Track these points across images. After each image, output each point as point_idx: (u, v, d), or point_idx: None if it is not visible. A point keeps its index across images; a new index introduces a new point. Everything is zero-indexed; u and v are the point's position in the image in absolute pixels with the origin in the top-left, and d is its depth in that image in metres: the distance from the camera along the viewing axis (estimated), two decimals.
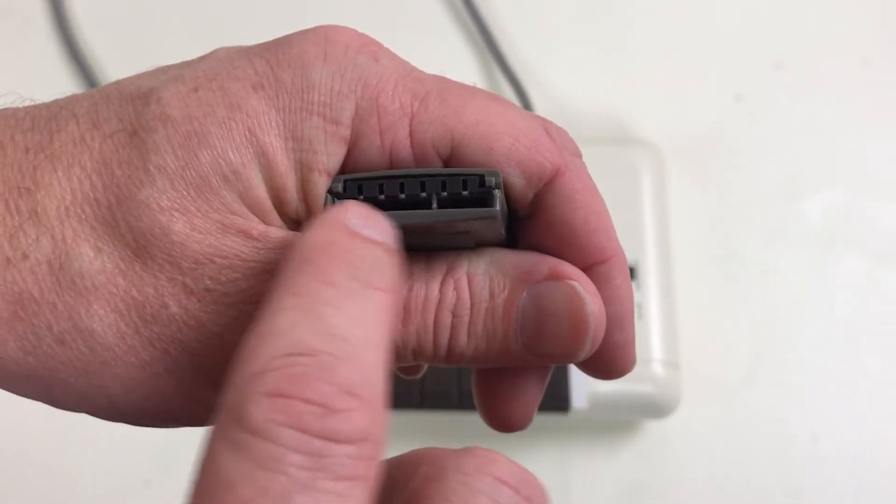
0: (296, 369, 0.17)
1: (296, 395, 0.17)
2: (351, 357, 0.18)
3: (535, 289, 0.24)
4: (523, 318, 0.24)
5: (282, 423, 0.17)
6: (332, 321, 0.18)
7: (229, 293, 0.22)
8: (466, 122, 0.23)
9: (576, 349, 0.24)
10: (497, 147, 0.23)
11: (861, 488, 0.51)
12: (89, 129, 0.22)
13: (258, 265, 0.22)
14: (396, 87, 0.23)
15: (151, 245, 0.22)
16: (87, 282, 0.22)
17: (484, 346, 0.24)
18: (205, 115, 0.22)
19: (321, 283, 0.19)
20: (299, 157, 0.23)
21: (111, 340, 0.22)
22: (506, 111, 0.24)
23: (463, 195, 0.23)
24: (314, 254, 0.19)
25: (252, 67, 0.23)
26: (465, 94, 0.24)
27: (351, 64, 0.23)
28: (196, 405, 0.23)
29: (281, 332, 0.18)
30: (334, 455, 0.17)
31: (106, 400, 0.23)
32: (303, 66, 0.23)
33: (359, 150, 0.23)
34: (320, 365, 0.17)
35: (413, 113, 0.23)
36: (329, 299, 0.18)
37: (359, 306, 0.19)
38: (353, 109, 0.23)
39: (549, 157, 0.24)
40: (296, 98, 0.23)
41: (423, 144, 0.23)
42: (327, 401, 0.17)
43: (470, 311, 0.24)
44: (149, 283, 0.22)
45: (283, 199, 0.23)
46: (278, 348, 0.18)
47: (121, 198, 0.22)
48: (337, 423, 0.17)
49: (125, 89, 0.23)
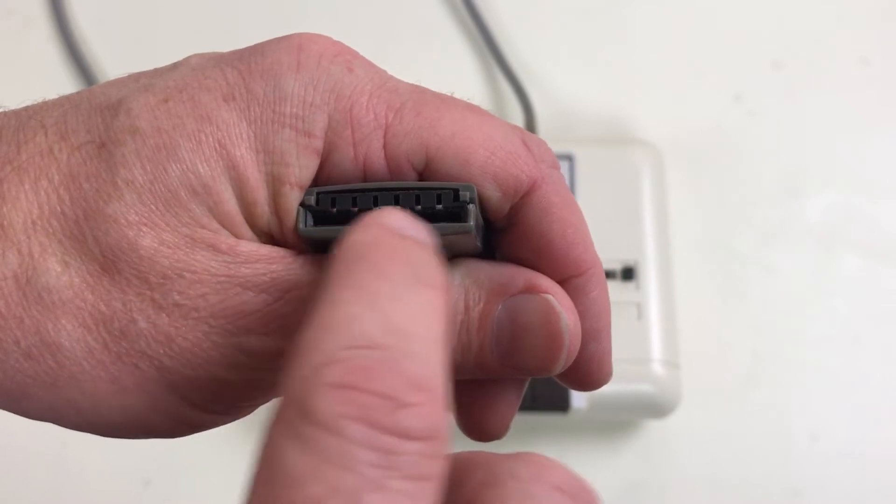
0: (362, 361, 0.17)
1: (365, 387, 0.16)
2: (416, 351, 0.17)
3: (510, 302, 0.23)
4: (499, 331, 0.23)
5: (351, 416, 0.16)
6: (394, 315, 0.17)
7: (199, 308, 0.22)
8: (442, 135, 0.23)
9: (551, 363, 0.24)
10: (473, 160, 0.23)
11: (861, 488, 0.51)
12: (57, 141, 0.22)
13: (228, 279, 0.22)
14: (371, 98, 0.23)
15: (119, 260, 0.22)
16: (55, 296, 0.21)
17: (459, 359, 0.24)
18: (174, 127, 0.22)
19: (379, 276, 0.18)
20: (271, 169, 0.22)
21: (79, 355, 0.22)
22: (482, 123, 0.23)
23: (437, 209, 0.22)
24: (367, 250, 0.19)
25: (224, 78, 0.23)
26: (440, 105, 0.23)
27: (324, 74, 0.23)
28: (166, 418, 0.23)
29: (342, 324, 0.17)
30: (405, 452, 0.16)
31: (75, 413, 0.23)
32: (275, 76, 0.22)
33: (332, 163, 0.23)
34: (387, 358, 0.17)
35: (387, 125, 0.23)
36: (388, 293, 0.18)
37: (416, 301, 0.18)
38: (326, 121, 0.23)
39: (526, 171, 0.23)
40: (267, 110, 0.22)
41: (398, 157, 0.23)
42: (397, 394, 0.16)
43: None
44: (117, 297, 0.22)
45: (255, 212, 0.23)
46: (342, 340, 0.17)
47: (88, 212, 0.22)
48: (407, 419, 0.16)
49: (95, 99, 0.23)
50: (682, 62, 0.59)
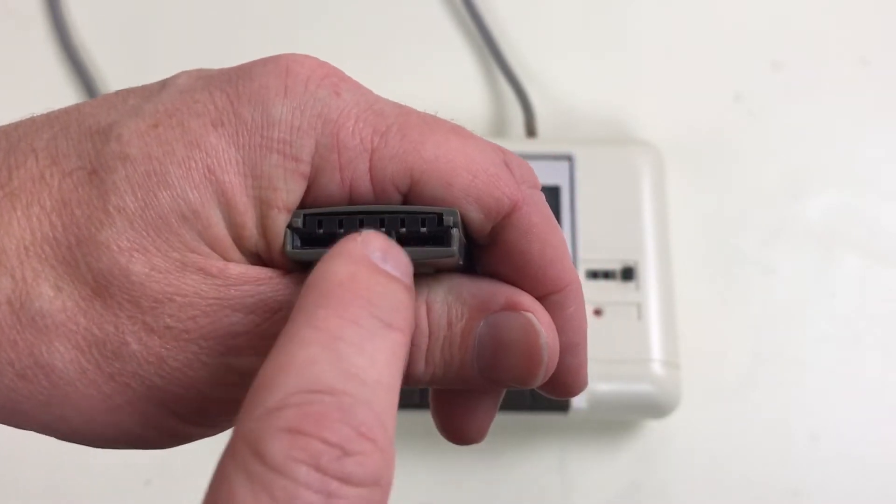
0: (315, 407, 0.18)
1: (315, 434, 0.17)
2: (368, 399, 0.18)
3: (492, 319, 0.24)
4: (480, 346, 0.24)
5: (300, 460, 0.17)
6: (352, 361, 0.19)
7: (189, 330, 0.23)
8: (426, 158, 0.23)
9: (530, 378, 0.24)
10: (456, 183, 0.23)
11: (861, 488, 0.51)
12: (48, 166, 0.22)
13: (218, 301, 0.23)
14: (357, 122, 0.23)
15: (111, 285, 0.22)
16: (48, 320, 0.22)
17: (441, 373, 0.24)
18: (164, 153, 0.22)
19: (343, 319, 0.19)
20: (258, 193, 0.23)
21: (72, 376, 0.22)
22: (465, 145, 0.24)
23: (422, 232, 0.23)
24: (336, 287, 0.20)
25: (212, 102, 0.23)
26: (425, 127, 0.24)
27: (311, 98, 0.23)
28: (157, 432, 0.24)
29: (300, 366, 0.18)
30: (347, 497, 0.17)
31: (67, 428, 0.23)
32: (263, 101, 0.23)
33: (319, 186, 0.23)
34: (339, 405, 0.18)
35: (373, 149, 0.23)
36: (350, 338, 0.19)
37: (378, 347, 0.19)
38: (314, 146, 0.23)
39: (507, 192, 0.24)
40: (255, 135, 0.23)
41: (383, 180, 0.23)
42: (344, 443, 0.18)
43: (428, 339, 0.24)
44: (109, 321, 0.22)
45: (243, 234, 0.23)
46: (298, 383, 0.18)
47: (80, 238, 0.22)
48: (352, 466, 0.18)
49: (84, 121, 0.23)
50: (682, 62, 0.59)
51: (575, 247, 0.50)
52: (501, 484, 0.51)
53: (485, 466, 0.51)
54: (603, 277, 0.49)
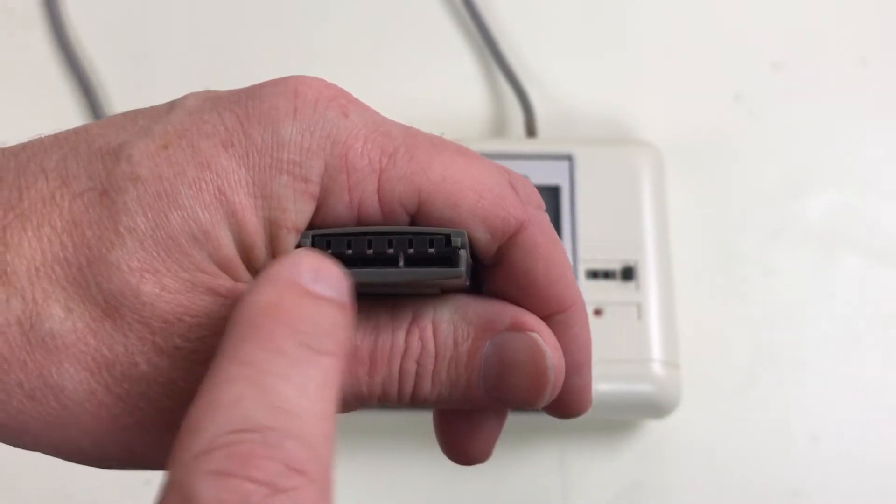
0: (241, 447, 0.17)
1: (243, 474, 0.17)
2: (297, 432, 0.18)
3: (498, 339, 0.24)
4: (486, 367, 0.24)
5: (229, 503, 0.17)
6: (280, 394, 0.18)
7: (199, 350, 0.22)
8: (433, 180, 0.24)
9: (536, 398, 0.25)
10: (462, 204, 0.24)
11: (861, 488, 0.51)
12: (59, 187, 0.22)
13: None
14: (365, 143, 0.23)
15: (121, 305, 0.22)
16: (58, 341, 0.22)
17: (447, 393, 0.25)
18: (175, 174, 0.22)
19: (268, 350, 0.19)
20: (268, 214, 0.23)
21: (82, 397, 0.22)
22: (471, 166, 0.24)
23: (429, 253, 0.23)
24: (260, 318, 0.19)
25: (222, 124, 0.23)
26: (432, 148, 0.24)
27: (321, 120, 0.23)
28: (164, 454, 0.24)
29: (226, 406, 0.18)
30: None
31: (76, 450, 0.23)
32: (273, 122, 0.23)
33: (327, 206, 0.24)
34: (266, 442, 0.17)
35: (381, 170, 0.23)
36: (276, 370, 0.19)
37: (307, 374, 0.19)
38: (323, 167, 0.23)
39: (513, 213, 0.24)
40: (265, 156, 0.23)
41: (391, 201, 0.24)
42: (274, 479, 0.17)
43: (434, 359, 0.24)
44: (119, 341, 0.22)
45: (252, 254, 0.23)
46: (224, 424, 0.18)
47: (91, 259, 0.22)
48: (285, 503, 0.17)
49: (94, 142, 0.23)
50: (682, 62, 0.59)
51: (575, 247, 0.50)
52: (501, 484, 0.51)
53: (485, 466, 0.51)
54: (603, 277, 0.49)
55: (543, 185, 0.51)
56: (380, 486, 0.46)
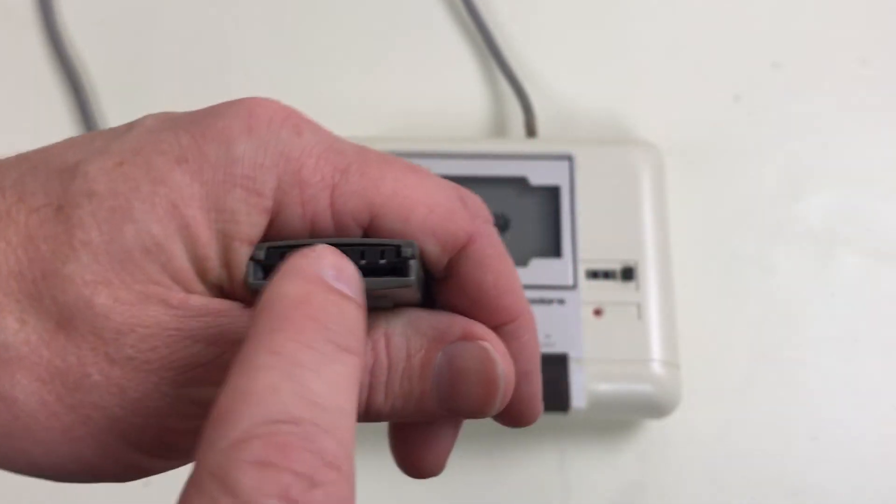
0: (281, 438, 0.18)
1: (283, 465, 0.17)
2: (331, 427, 0.18)
3: (449, 349, 0.25)
4: (438, 377, 0.25)
5: (270, 493, 0.17)
6: (313, 388, 0.19)
7: (150, 360, 0.23)
8: (384, 194, 0.24)
9: (487, 406, 0.25)
10: (413, 217, 0.24)
11: (861, 488, 0.51)
12: (15, 203, 0.23)
13: (178, 332, 0.23)
14: (318, 160, 0.24)
15: (75, 317, 0.22)
16: (11, 352, 0.22)
17: (401, 404, 0.25)
18: (129, 189, 0.23)
19: (299, 343, 0.19)
20: (221, 227, 0.23)
21: (33, 407, 0.22)
22: (422, 182, 0.25)
23: (381, 264, 0.24)
24: (290, 310, 0.20)
25: (177, 141, 0.23)
26: (383, 165, 0.25)
27: (274, 138, 0.24)
28: (117, 465, 0.24)
29: (262, 395, 0.18)
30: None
31: (27, 461, 0.24)
32: (227, 140, 0.23)
33: (281, 220, 0.24)
34: (305, 435, 0.18)
35: (334, 185, 0.24)
36: (308, 363, 0.19)
37: (336, 371, 0.19)
38: (276, 182, 0.24)
39: (462, 226, 0.25)
40: (219, 171, 0.23)
41: (343, 214, 0.24)
42: (313, 473, 0.18)
43: (387, 371, 0.25)
44: (72, 352, 0.22)
45: (206, 267, 0.23)
46: (262, 413, 0.18)
47: (46, 272, 0.22)
48: (321, 497, 0.18)
49: (52, 161, 0.24)
50: (682, 62, 0.60)
51: (575, 247, 0.50)
52: (501, 484, 0.51)
53: (484, 466, 0.51)
54: (603, 277, 0.49)
55: (543, 185, 0.51)
56: (379, 486, 0.46)
